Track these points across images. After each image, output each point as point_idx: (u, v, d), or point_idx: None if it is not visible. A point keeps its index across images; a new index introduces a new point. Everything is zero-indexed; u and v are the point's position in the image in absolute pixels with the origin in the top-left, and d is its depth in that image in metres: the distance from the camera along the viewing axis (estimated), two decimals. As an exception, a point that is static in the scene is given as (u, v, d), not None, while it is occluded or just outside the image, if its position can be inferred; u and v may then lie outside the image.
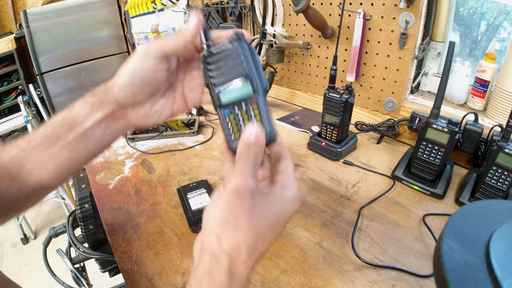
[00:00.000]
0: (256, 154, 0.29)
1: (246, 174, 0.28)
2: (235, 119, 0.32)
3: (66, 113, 0.35)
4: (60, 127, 0.34)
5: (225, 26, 1.04)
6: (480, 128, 0.63)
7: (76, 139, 0.34)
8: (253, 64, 0.31)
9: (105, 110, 0.34)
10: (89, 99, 0.35)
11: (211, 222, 0.28)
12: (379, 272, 0.47)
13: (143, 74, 0.32)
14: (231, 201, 0.27)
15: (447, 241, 0.22)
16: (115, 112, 0.35)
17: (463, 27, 0.80)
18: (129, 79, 0.33)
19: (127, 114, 0.35)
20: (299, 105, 1.15)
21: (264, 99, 0.32)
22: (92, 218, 0.67)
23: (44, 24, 2.20)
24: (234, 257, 0.26)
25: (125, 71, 0.33)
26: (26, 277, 1.82)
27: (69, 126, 0.34)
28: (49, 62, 2.28)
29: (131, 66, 0.32)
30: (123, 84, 0.33)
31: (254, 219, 0.28)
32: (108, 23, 2.44)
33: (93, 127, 0.35)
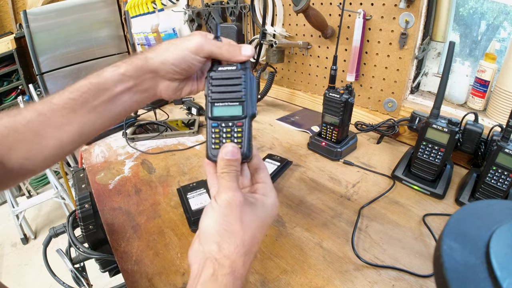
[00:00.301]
0: (236, 168, 0.34)
1: (233, 188, 0.32)
2: (218, 133, 0.36)
3: (94, 78, 0.37)
4: (88, 91, 0.36)
5: (225, 26, 1.04)
6: (480, 128, 0.63)
7: (103, 103, 0.36)
8: (250, 93, 0.36)
9: (138, 78, 0.37)
10: (122, 66, 0.37)
11: (210, 232, 0.31)
12: (379, 272, 0.47)
13: (189, 63, 0.37)
14: (225, 213, 0.31)
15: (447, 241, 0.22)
16: (147, 81, 0.38)
17: (463, 27, 0.80)
18: (178, 61, 0.37)
19: (157, 85, 0.39)
20: (299, 105, 1.15)
21: (250, 123, 0.36)
22: (92, 218, 0.67)
23: (44, 24, 2.20)
24: (234, 259, 0.30)
25: (176, 52, 0.36)
26: (26, 277, 1.82)
27: (98, 90, 0.36)
28: (49, 62, 2.28)
29: (182, 53, 0.36)
30: (169, 62, 0.37)
31: (245, 225, 0.32)
32: (108, 23, 2.44)
33: (123, 92, 0.37)
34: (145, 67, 0.37)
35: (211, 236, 0.31)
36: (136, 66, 0.37)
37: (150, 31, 1.81)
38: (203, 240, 0.31)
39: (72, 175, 0.85)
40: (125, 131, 0.96)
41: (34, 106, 0.36)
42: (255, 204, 0.34)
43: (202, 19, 1.39)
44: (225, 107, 0.36)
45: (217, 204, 0.32)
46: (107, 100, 0.37)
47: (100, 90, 0.36)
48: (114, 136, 0.99)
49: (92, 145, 0.95)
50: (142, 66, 0.37)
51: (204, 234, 0.32)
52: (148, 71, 0.37)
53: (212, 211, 0.32)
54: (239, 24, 1.04)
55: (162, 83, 0.39)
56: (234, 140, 0.36)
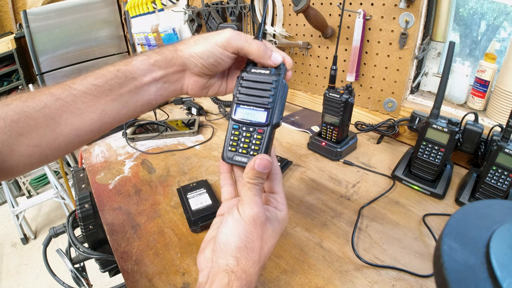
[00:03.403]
0: (263, 181, 0.33)
1: (259, 204, 0.32)
2: (238, 136, 0.35)
3: (122, 65, 0.36)
4: (115, 78, 0.35)
5: (225, 26, 1.04)
6: (480, 128, 0.63)
7: (129, 92, 0.36)
8: (278, 101, 0.35)
9: (167, 69, 0.36)
10: (152, 56, 0.36)
11: (230, 247, 0.31)
12: (379, 272, 0.47)
13: (218, 58, 0.36)
14: (249, 229, 0.31)
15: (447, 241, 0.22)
16: (176, 74, 0.37)
17: (463, 27, 0.80)
18: (205, 54, 0.36)
19: (185, 79, 0.38)
20: (299, 105, 1.15)
21: (271, 132, 0.35)
22: (92, 218, 0.67)
23: (44, 24, 2.20)
24: (251, 273, 0.30)
25: (205, 46, 0.35)
26: (26, 277, 1.82)
27: (125, 78, 0.35)
28: (49, 62, 2.28)
29: (210, 47, 0.35)
30: (197, 55, 0.36)
31: (264, 242, 0.32)
32: (108, 23, 2.44)
33: (150, 83, 0.36)
34: (174, 59, 0.36)
35: (230, 251, 0.30)
36: (166, 57, 0.36)
37: (150, 31, 1.81)
38: (220, 253, 0.31)
39: (72, 175, 0.85)
40: (125, 131, 0.96)
41: (50, 89, 0.34)
42: (272, 220, 0.34)
43: (202, 19, 1.39)
44: (249, 110, 0.35)
45: (241, 218, 0.31)
46: (133, 89, 0.36)
47: (128, 78, 0.35)
48: (114, 136, 0.99)
49: (92, 145, 0.95)
50: (172, 58, 0.36)
51: (223, 247, 0.31)
52: (177, 63, 0.36)
53: (234, 225, 0.31)
54: (239, 24, 1.03)
55: (190, 77, 0.38)
56: (252, 147, 0.35)
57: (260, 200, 0.32)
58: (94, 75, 0.35)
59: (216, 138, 0.94)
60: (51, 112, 0.33)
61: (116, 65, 0.36)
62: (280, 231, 0.34)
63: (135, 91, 0.36)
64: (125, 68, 0.35)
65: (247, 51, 0.36)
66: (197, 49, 0.36)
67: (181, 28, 1.74)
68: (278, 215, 0.35)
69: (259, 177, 0.32)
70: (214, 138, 0.94)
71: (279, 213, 0.35)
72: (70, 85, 0.34)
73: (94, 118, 0.35)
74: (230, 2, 1.19)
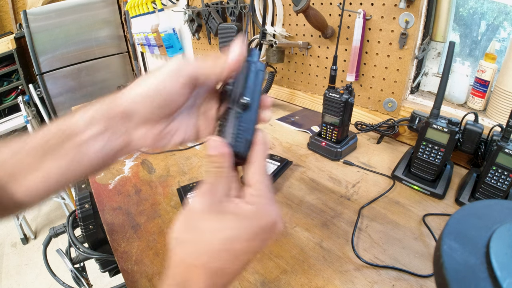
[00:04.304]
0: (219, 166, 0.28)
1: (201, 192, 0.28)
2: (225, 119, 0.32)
3: (63, 121, 0.31)
4: (55, 136, 0.30)
5: (225, 26, 1.04)
6: (480, 128, 0.63)
7: (72, 151, 0.30)
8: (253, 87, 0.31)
9: (108, 121, 0.31)
10: (91, 108, 0.31)
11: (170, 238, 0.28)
12: (379, 272, 0.47)
13: (167, 93, 0.30)
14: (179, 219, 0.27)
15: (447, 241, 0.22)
16: (119, 126, 0.31)
17: (463, 27, 0.80)
18: (150, 95, 0.30)
19: (134, 130, 0.32)
20: (299, 105, 1.15)
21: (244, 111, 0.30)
22: (92, 218, 0.67)
23: (44, 24, 2.20)
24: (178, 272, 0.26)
25: (147, 84, 0.30)
26: (26, 277, 1.82)
27: (65, 136, 0.30)
28: (49, 62, 2.28)
29: (156, 81, 0.30)
30: (141, 98, 0.30)
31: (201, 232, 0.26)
32: (108, 23, 2.44)
33: (91, 139, 0.31)
34: (114, 108, 0.30)
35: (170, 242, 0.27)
36: (105, 108, 0.31)
37: (150, 31, 1.81)
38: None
39: (72, 175, 0.85)
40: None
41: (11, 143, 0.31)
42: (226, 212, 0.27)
43: (202, 19, 1.39)
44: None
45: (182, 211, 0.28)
46: (75, 147, 0.30)
47: (68, 135, 0.30)
48: (114, 136, 0.99)
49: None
50: (112, 107, 0.30)
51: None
52: (118, 112, 0.30)
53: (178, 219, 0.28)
54: (239, 24, 1.03)
55: (138, 128, 0.32)
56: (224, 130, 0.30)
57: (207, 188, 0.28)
58: (42, 132, 0.31)
59: (216, 138, 0.94)
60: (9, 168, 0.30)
61: (58, 122, 0.31)
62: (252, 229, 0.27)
63: (77, 150, 0.30)
64: (65, 124, 0.31)
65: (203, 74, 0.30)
66: (141, 88, 0.30)
67: (181, 28, 1.74)
68: (243, 209, 0.28)
69: (212, 161, 0.28)
70: (214, 138, 0.94)
71: (246, 207, 0.28)
72: (25, 139, 0.31)
73: (38, 179, 0.30)
74: (230, 2, 1.19)
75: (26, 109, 2.19)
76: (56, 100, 2.38)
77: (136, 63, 2.57)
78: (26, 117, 2.14)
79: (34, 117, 2.29)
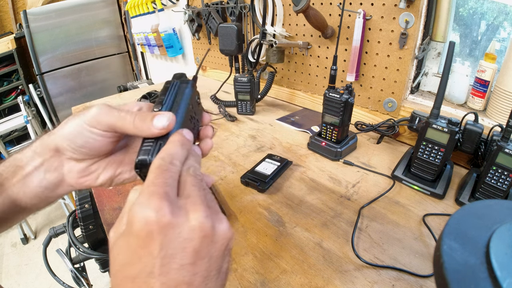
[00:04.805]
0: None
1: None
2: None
3: (18, 153, 0.33)
4: (10, 167, 0.32)
5: (225, 26, 1.04)
6: (480, 128, 0.63)
7: (19, 183, 0.32)
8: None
9: (44, 155, 0.33)
10: (35, 141, 0.33)
11: None
12: (379, 272, 0.47)
13: (87, 136, 0.31)
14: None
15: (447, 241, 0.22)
16: (53, 161, 0.33)
17: (463, 27, 0.80)
18: (72, 135, 0.31)
19: (64, 166, 0.33)
20: (299, 105, 1.15)
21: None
22: (92, 218, 0.67)
23: (44, 24, 2.20)
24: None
25: (72, 126, 0.31)
26: (26, 277, 1.82)
27: (15, 167, 0.32)
28: (49, 62, 2.29)
29: (76, 126, 0.31)
30: (64, 136, 0.32)
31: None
32: (108, 23, 2.44)
33: (32, 173, 0.32)
34: (48, 144, 0.32)
35: None
36: (43, 142, 0.33)
37: (150, 31, 1.81)
38: None
39: (72, 175, 0.85)
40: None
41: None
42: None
43: (202, 19, 1.39)
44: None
45: None
46: (21, 180, 0.32)
47: (17, 167, 0.32)
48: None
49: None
50: (46, 143, 0.32)
51: None
52: (51, 147, 0.32)
53: None
54: (239, 24, 1.03)
55: (67, 163, 0.33)
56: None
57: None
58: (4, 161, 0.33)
59: (216, 138, 0.94)
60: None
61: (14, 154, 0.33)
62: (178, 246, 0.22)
63: (22, 182, 0.32)
64: (18, 156, 0.33)
65: (122, 128, 0.30)
66: (66, 129, 0.31)
67: (181, 28, 1.74)
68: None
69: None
70: (214, 138, 0.94)
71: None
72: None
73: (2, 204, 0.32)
74: (230, 2, 1.19)
75: (26, 109, 2.19)
76: (56, 100, 2.38)
77: (136, 63, 2.58)
78: (26, 117, 2.14)
79: (34, 117, 2.29)
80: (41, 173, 0.33)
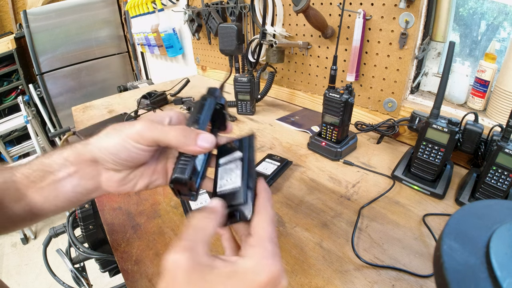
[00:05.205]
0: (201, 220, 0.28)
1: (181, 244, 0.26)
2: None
3: (45, 158, 0.34)
4: (38, 170, 0.34)
5: (225, 26, 1.04)
6: (480, 128, 0.63)
7: (49, 187, 0.33)
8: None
9: (79, 164, 0.34)
10: (66, 150, 0.34)
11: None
12: (379, 272, 0.47)
13: (131, 151, 0.32)
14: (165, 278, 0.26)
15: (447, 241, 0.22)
16: (89, 170, 0.34)
17: (463, 27, 0.80)
18: (116, 149, 0.32)
19: (101, 176, 0.35)
20: (299, 105, 1.15)
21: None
22: (92, 218, 0.67)
23: (44, 24, 2.20)
24: None
25: (113, 141, 0.32)
26: (26, 277, 1.82)
27: (44, 172, 0.33)
28: (49, 62, 2.29)
29: (119, 141, 0.32)
30: (106, 149, 0.32)
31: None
32: (108, 23, 2.44)
33: (65, 178, 0.34)
34: (84, 154, 0.34)
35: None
36: (77, 151, 0.34)
37: (150, 31, 1.81)
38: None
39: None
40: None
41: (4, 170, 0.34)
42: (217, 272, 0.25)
43: (202, 19, 1.39)
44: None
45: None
46: (52, 184, 0.33)
47: (46, 172, 0.33)
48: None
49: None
50: (83, 153, 0.34)
51: None
52: (87, 158, 0.34)
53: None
54: (239, 24, 1.03)
55: (106, 173, 0.35)
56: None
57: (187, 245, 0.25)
58: (28, 163, 0.34)
59: (216, 138, 0.94)
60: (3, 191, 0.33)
61: (41, 157, 0.35)
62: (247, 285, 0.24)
63: (53, 186, 0.33)
64: (46, 160, 0.34)
65: (165, 143, 0.32)
66: (107, 143, 0.32)
67: (181, 28, 1.74)
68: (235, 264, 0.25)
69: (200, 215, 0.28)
70: (214, 138, 0.94)
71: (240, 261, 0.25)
72: (14, 171, 0.34)
73: (24, 207, 0.33)
74: (230, 2, 1.19)
75: (26, 109, 2.18)
76: (56, 100, 2.38)
77: (136, 63, 2.58)
78: (26, 117, 2.14)
79: (34, 117, 2.29)
80: (75, 179, 0.34)
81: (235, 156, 0.34)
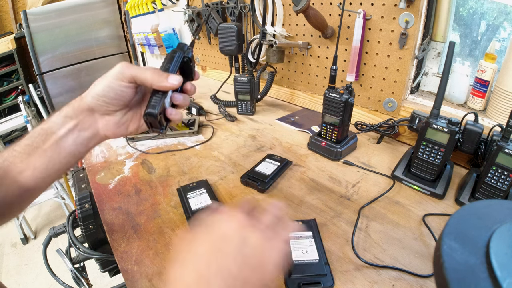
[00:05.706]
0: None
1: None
2: None
3: (44, 123, 0.39)
4: (39, 136, 0.38)
5: (225, 26, 1.04)
6: (480, 128, 0.63)
7: (51, 147, 0.38)
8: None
9: (78, 117, 0.39)
10: (64, 109, 0.40)
11: None
12: (379, 272, 0.47)
13: (115, 91, 0.39)
14: None
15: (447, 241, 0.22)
16: (87, 120, 0.40)
17: (463, 27, 0.80)
18: (105, 91, 0.39)
19: (98, 122, 0.41)
20: (299, 105, 1.15)
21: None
22: (92, 218, 0.67)
23: (44, 24, 2.20)
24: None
25: (101, 83, 0.39)
26: (26, 277, 1.82)
27: (46, 135, 0.38)
28: (49, 62, 2.28)
29: (106, 82, 0.39)
30: (97, 94, 0.39)
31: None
32: (108, 23, 2.44)
33: (66, 135, 0.39)
34: (81, 106, 0.39)
35: None
36: (74, 106, 0.39)
37: (150, 31, 1.81)
38: None
39: (72, 175, 0.85)
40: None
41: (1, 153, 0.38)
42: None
43: (202, 19, 1.39)
44: None
45: None
46: (54, 144, 0.38)
47: (48, 134, 0.38)
48: (114, 136, 0.99)
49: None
50: (79, 106, 0.39)
51: None
52: (84, 109, 0.39)
53: None
54: (239, 24, 1.03)
55: (101, 119, 0.41)
56: None
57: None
58: (28, 136, 0.39)
59: (216, 138, 0.94)
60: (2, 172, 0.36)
61: (41, 124, 0.39)
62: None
63: (56, 145, 0.38)
64: (46, 125, 0.39)
65: (142, 78, 0.38)
66: (96, 89, 0.39)
67: (181, 28, 1.74)
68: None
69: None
70: (214, 138, 0.94)
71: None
72: (13, 147, 0.38)
73: (30, 175, 0.37)
74: (230, 2, 1.19)
75: (26, 109, 2.18)
76: (56, 100, 2.38)
77: (136, 63, 2.57)
78: (26, 117, 2.14)
79: (34, 117, 2.29)
80: (75, 132, 0.39)
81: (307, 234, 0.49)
